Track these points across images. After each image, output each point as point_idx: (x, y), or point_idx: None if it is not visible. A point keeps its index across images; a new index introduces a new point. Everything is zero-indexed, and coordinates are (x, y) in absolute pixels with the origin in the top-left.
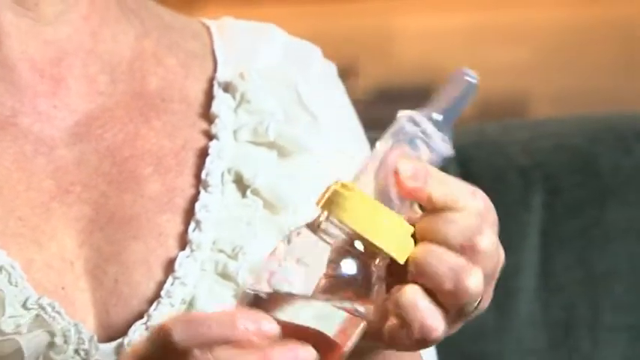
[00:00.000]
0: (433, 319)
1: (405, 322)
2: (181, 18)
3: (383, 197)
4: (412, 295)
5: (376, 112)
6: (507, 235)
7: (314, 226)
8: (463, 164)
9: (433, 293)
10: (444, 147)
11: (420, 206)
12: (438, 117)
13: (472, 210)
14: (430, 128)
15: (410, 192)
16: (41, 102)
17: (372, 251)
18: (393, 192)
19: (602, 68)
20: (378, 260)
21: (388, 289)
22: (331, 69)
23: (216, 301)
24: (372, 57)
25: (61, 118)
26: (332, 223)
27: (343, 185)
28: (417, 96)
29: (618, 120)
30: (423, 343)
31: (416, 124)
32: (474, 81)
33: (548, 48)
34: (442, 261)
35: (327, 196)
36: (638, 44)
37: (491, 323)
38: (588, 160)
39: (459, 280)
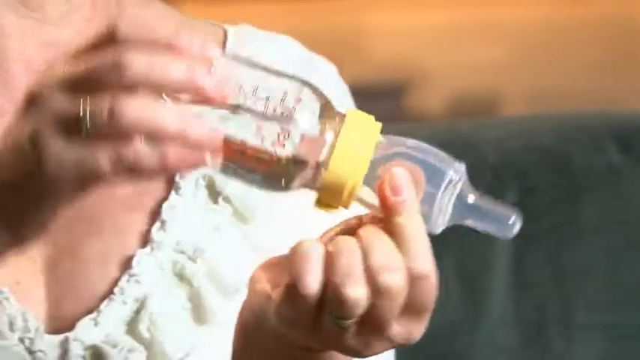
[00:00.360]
0: (312, 276)
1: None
2: (194, 21)
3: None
4: (312, 246)
5: None
6: (479, 234)
7: (325, 100)
8: None
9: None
10: (440, 219)
11: None
12: (471, 200)
13: (408, 255)
14: (457, 190)
15: (381, 195)
16: None
17: (328, 155)
18: (375, 183)
19: (576, 67)
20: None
21: None
22: (342, 87)
23: (170, 301)
24: (347, 54)
25: None
26: (338, 113)
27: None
28: (391, 94)
29: (591, 119)
30: (291, 303)
31: (456, 174)
32: (509, 233)
33: (522, 47)
34: (346, 257)
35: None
36: (611, 44)
37: (463, 322)
38: (561, 159)
39: (343, 283)
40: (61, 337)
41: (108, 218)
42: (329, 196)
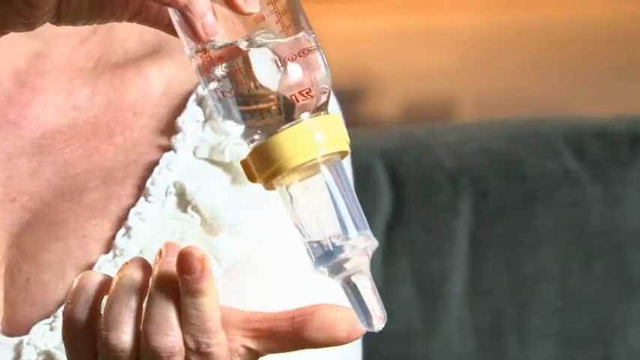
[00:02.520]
0: (77, 309)
1: None
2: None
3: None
4: (89, 280)
5: None
6: (436, 239)
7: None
8: (391, 167)
9: None
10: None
11: None
12: (355, 279)
13: (188, 328)
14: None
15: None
16: (12, 111)
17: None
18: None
19: (528, 73)
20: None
21: None
22: (333, 100)
23: None
24: None
25: (29, 129)
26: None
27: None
28: (345, 99)
29: (545, 124)
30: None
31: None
32: (368, 327)
33: (474, 52)
34: (118, 306)
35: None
36: (559, 47)
37: (419, 327)
38: (515, 164)
39: (108, 327)
40: (15, 340)
41: (73, 224)
42: (258, 161)
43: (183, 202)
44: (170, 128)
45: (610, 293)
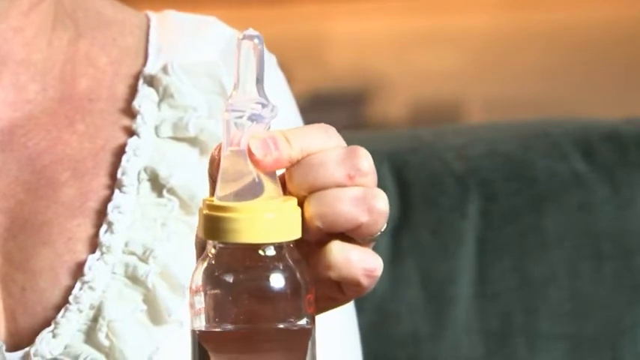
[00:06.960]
0: (371, 261)
1: (344, 279)
2: (124, 11)
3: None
4: (341, 251)
5: (309, 117)
6: (443, 242)
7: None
8: (398, 169)
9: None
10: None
11: None
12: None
13: (334, 144)
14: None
15: (270, 167)
16: None
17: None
18: (252, 172)
19: (536, 75)
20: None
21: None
22: (279, 75)
23: (125, 305)
24: (305, 62)
25: None
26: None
27: (210, 206)
28: (353, 101)
29: (553, 126)
30: (364, 288)
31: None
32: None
33: (480, 53)
34: (345, 201)
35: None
36: (568, 49)
37: (426, 331)
38: (523, 167)
39: (371, 209)
40: (20, 353)
41: (56, 226)
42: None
43: (158, 186)
44: (128, 109)
45: (619, 296)
